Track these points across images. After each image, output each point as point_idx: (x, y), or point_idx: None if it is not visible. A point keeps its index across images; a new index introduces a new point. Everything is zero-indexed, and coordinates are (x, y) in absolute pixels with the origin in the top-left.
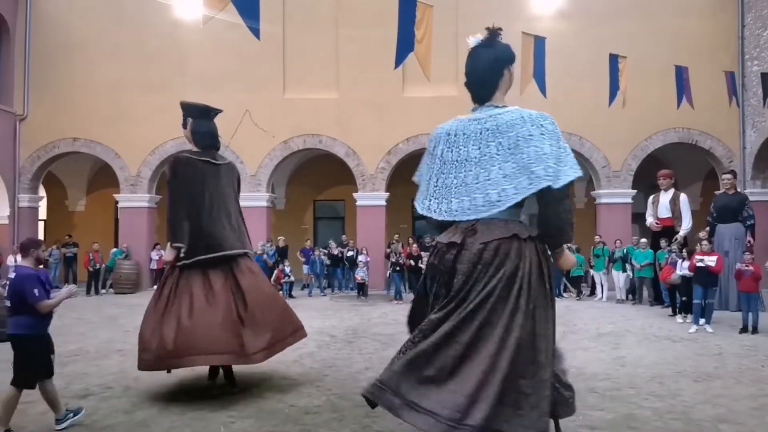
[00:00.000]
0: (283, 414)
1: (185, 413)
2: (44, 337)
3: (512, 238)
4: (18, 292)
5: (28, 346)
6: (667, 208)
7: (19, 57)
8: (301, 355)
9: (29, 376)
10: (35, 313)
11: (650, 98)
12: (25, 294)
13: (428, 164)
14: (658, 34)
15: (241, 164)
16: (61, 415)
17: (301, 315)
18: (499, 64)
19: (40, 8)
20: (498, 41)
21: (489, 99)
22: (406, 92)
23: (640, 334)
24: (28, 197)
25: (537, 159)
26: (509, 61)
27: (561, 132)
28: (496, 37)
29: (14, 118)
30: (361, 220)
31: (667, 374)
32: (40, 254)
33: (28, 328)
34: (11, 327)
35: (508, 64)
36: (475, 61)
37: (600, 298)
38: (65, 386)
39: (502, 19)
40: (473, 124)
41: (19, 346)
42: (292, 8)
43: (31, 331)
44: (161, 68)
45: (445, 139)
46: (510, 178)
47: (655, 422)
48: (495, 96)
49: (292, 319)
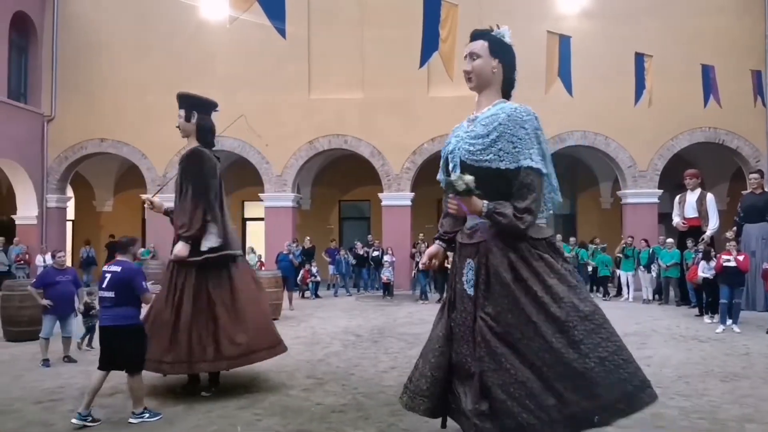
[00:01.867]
0: (308, 412)
1: (212, 411)
2: (143, 326)
3: None
4: (128, 283)
5: (139, 333)
6: (693, 207)
7: (46, 58)
8: (327, 354)
9: (142, 359)
10: (138, 304)
11: (676, 97)
12: (135, 285)
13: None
14: (683, 33)
15: (267, 164)
16: (138, 410)
17: (327, 314)
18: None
19: (68, 10)
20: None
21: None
22: (431, 92)
23: (666, 334)
24: (56, 197)
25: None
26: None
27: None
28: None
29: (42, 119)
30: (387, 220)
31: (693, 374)
32: (136, 251)
33: (135, 318)
34: (112, 319)
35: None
36: (511, 58)
37: (626, 298)
38: None
39: (527, 18)
40: None
41: (123, 336)
42: (317, 9)
43: (137, 321)
44: (187, 69)
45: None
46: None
47: (681, 421)
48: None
49: (270, 332)
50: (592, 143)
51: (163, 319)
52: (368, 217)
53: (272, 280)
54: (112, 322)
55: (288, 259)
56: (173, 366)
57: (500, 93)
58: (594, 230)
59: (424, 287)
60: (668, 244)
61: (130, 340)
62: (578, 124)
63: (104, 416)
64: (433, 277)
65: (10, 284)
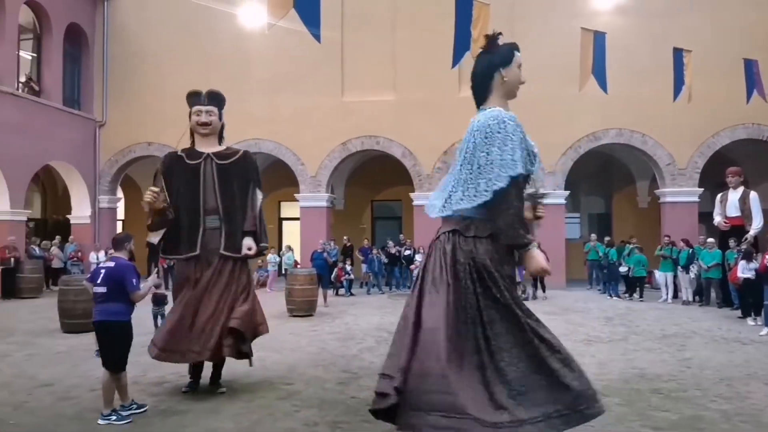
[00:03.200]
0: (344, 405)
1: (252, 401)
2: (131, 324)
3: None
4: (119, 279)
5: (127, 331)
6: (736, 206)
7: (97, 67)
8: (361, 350)
9: (125, 359)
10: (128, 301)
11: (717, 93)
12: (125, 282)
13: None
14: (721, 28)
15: (302, 166)
16: (127, 402)
17: (360, 311)
18: (491, 68)
19: (116, 21)
20: (499, 46)
21: (483, 102)
22: (462, 92)
23: (707, 336)
24: (107, 198)
25: (482, 167)
26: (502, 63)
27: (509, 132)
28: (494, 42)
29: (94, 125)
30: (418, 219)
31: (736, 376)
32: (132, 247)
33: (125, 315)
34: (102, 314)
35: (500, 68)
36: (474, 68)
37: (665, 299)
38: (142, 374)
39: (559, 15)
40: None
41: (111, 332)
42: (350, 13)
43: (125, 318)
44: (227, 74)
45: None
46: (462, 182)
47: (722, 424)
48: (489, 99)
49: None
50: (628, 141)
51: (205, 310)
52: (400, 217)
53: (307, 277)
54: (102, 317)
55: (323, 258)
56: (201, 353)
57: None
58: (630, 230)
59: None
60: (709, 244)
61: (116, 337)
62: (614, 121)
63: (152, 404)
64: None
65: (66, 279)
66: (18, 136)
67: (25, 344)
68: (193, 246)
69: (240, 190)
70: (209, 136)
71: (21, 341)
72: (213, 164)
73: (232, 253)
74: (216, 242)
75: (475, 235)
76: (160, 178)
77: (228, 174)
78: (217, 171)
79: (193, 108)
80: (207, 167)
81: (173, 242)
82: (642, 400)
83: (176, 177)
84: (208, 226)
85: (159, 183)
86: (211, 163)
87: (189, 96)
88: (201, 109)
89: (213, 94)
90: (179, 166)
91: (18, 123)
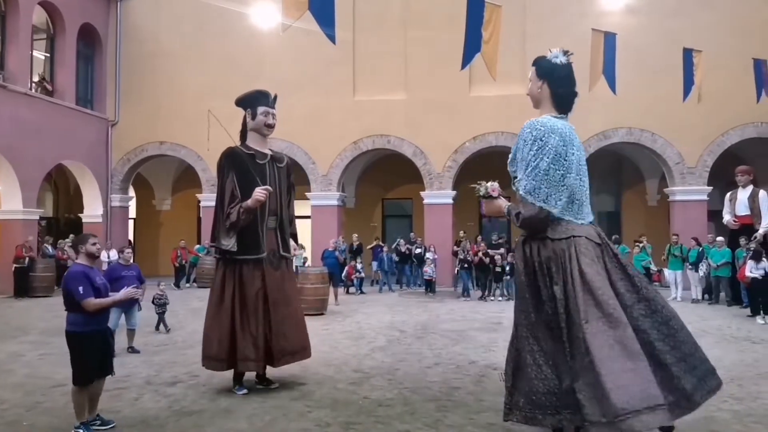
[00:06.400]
0: (356, 405)
1: (266, 401)
2: (97, 335)
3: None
4: (65, 290)
5: (78, 343)
6: (745, 205)
7: (110, 66)
8: (373, 349)
9: (82, 373)
10: (84, 311)
11: (726, 92)
12: (72, 293)
13: (546, 161)
14: (731, 27)
15: (313, 165)
16: (90, 418)
17: (372, 310)
18: None
19: (129, 20)
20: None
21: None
22: (473, 92)
23: (717, 335)
24: (119, 197)
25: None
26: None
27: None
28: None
29: (107, 124)
30: (429, 218)
31: (747, 376)
32: (90, 249)
33: (77, 325)
34: (66, 324)
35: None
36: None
37: (674, 297)
38: (155, 374)
39: (571, 16)
40: (574, 133)
41: (69, 343)
42: (362, 13)
43: (81, 329)
44: (241, 74)
45: (563, 136)
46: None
47: (735, 425)
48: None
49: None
50: (638, 140)
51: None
52: (410, 215)
53: (319, 276)
54: (66, 328)
55: (334, 256)
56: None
57: (551, 108)
58: (640, 228)
59: (467, 284)
60: (719, 242)
61: (72, 348)
62: (623, 120)
63: (166, 405)
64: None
65: None
66: (31, 136)
67: (39, 344)
68: (259, 247)
69: (287, 193)
70: (266, 138)
71: (35, 341)
72: (275, 166)
73: (287, 254)
74: (273, 243)
75: None
76: (231, 174)
77: (282, 176)
78: (277, 173)
79: (259, 108)
80: (271, 168)
81: (238, 243)
82: None
83: (245, 175)
84: (269, 227)
85: (231, 179)
86: (272, 165)
87: (256, 95)
88: (269, 110)
89: (275, 98)
90: (250, 165)
91: (31, 123)
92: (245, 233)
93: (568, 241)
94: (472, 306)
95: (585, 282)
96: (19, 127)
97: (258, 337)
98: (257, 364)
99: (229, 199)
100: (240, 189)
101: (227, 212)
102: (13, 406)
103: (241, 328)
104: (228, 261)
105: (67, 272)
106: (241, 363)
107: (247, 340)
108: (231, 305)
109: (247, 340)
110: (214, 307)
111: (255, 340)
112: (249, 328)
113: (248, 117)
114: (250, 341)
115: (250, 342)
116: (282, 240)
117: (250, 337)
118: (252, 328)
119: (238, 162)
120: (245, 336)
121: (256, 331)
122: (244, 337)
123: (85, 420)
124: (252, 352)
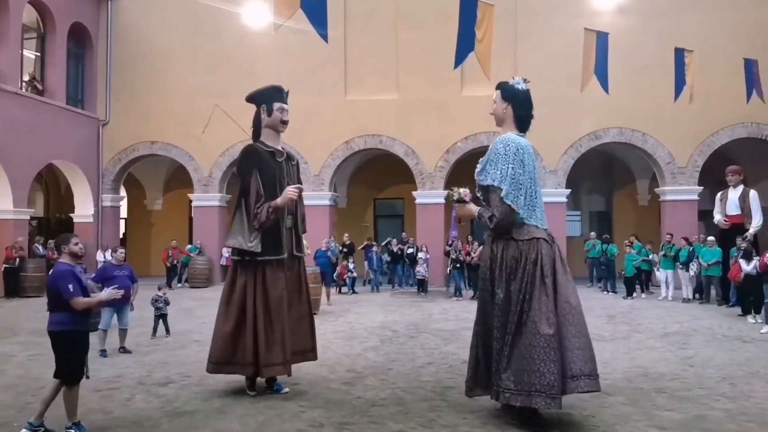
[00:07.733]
0: (350, 405)
1: (259, 402)
2: (85, 333)
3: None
4: (53, 289)
5: (67, 343)
6: (736, 205)
7: (101, 67)
8: (365, 349)
9: (72, 371)
10: (71, 310)
11: (717, 92)
12: (60, 291)
13: (519, 171)
14: (722, 27)
15: (306, 164)
16: (35, 423)
17: (364, 310)
18: None
19: (120, 20)
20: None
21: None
22: (465, 92)
23: (708, 334)
24: (110, 197)
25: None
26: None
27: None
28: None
29: (98, 124)
30: (421, 217)
31: (738, 375)
32: (73, 248)
33: (65, 324)
34: (49, 324)
35: None
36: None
37: (665, 296)
38: (147, 374)
39: (563, 16)
40: (532, 148)
41: (57, 343)
42: (354, 13)
43: (69, 328)
44: (232, 74)
45: (527, 152)
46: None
47: (728, 424)
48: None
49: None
50: (628, 140)
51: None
52: (402, 215)
53: (311, 276)
54: (48, 327)
55: (326, 256)
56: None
57: (513, 127)
58: (631, 228)
59: (459, 284)
60: (709, 242)
61: (59, 348)
62: (614, 120)
63: (158, 405)
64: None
65: None
66: (21, 135)
67: (30, 344)
68: (281, 247)
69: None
70: (280, 135)
71: (25, 341)
72: (289, 163)
73: (300, 254)
74: (290, 243)
75: None
76: (255, 173)
77: (295, 174)
78: (293, 170)
79: (275, 104)
80: (288, 166)
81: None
82: (647, 399)
83: (265, 173)
84: (287, 226)
85: (255, 177)
86: (288, 162)
87: (271, 92)
88: (284, 107)
89: (287, 93)
90: (270, 162)
91: (21, 122)
92: (267, 233)
93: (531, 243)
94: (464, 305)
95: (543, 280)
96: (9, 126)
97: (285, 341)
98: (284, 367)
99: (255, 198)
100: (267, 186)
101: (255, 212)
102: (4, 407)
103: (265, 332)
104: (248, 263)
105: (54, 270)
106: (266, 369)
107: (275, 345)
108: (253, 308)
109: (276, 345)
110: (236, 311)
111: (283, 343)
112: (274, 333)
113: (263, 113)
114: (279, 345)
115: (279, 346)
116: (297, 239)
117: (277, 341)
118: (278, 333)
119: (261, 160)
120: (272, 340)
121: (282, 335)
122: (272, 341)
123: (77, 420)
124: (279, 356)
